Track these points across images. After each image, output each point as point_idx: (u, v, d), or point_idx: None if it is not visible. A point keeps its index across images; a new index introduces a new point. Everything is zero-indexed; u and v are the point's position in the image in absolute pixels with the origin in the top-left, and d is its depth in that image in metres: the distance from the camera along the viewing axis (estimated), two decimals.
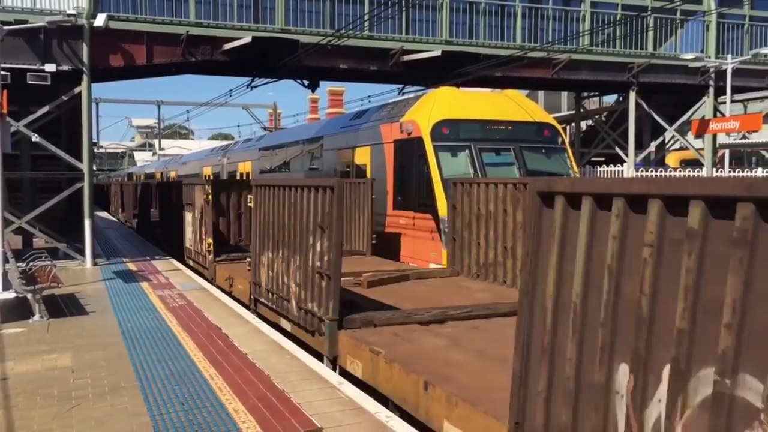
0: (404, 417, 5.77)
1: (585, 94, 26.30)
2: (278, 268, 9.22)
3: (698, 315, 3.01)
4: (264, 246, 9.83)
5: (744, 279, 2.81)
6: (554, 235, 3.92)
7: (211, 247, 13.94)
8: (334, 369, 7.38)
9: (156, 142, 72.06)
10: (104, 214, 42.13)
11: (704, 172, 22.47)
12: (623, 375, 3.41)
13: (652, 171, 22.35)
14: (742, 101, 28.29)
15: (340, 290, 7.50)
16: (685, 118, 23.03)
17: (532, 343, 4.07)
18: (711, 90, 22.25)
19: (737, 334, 2.80)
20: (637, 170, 21.94)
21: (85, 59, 15.27)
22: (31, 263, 11.37)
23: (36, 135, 15.29)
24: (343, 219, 7.51)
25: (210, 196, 14.10)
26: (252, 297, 10.57)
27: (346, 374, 6.99)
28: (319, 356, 7.62)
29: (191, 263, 15.90)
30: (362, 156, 16.34)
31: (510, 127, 14.27)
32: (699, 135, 23.43)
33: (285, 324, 9.12)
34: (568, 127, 28.91)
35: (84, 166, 15.77)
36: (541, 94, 41.06)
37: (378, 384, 6.47)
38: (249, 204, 11.60)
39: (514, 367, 4.22)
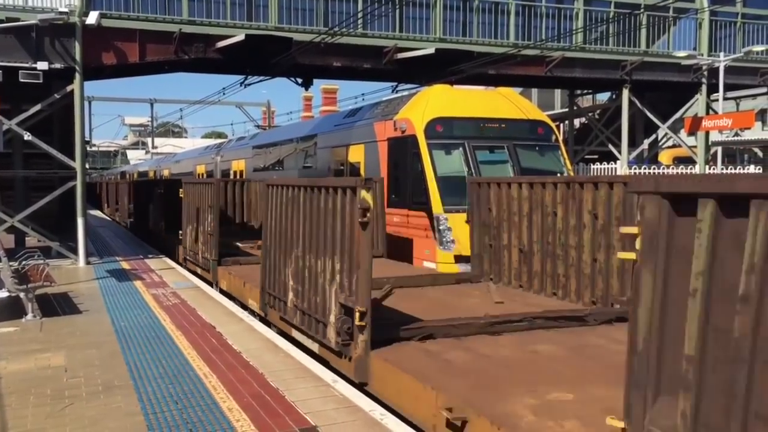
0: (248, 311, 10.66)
1: (578, 91, 26.36)
2: (194, 235, 14.36)
3: (291, 231, 7.92)
4: (188, 222, 15.01)
5: (302, 216, 7.65)
6: (270, 200, 8.88)
7: (163, 226, 19.20)
8: (216, 289, 12.39)
9: (149, 140, 71.86)
10: (97, 213, 42.00)
11: (697, 170, 22.55)
12: (287, 260, 8.05)
13: (644, 168, 22.40)
14: (734, 99, 28.40)
15: (219, 243, 12.72)
16: (677, 115, 23.11)
17: (269, 249, 8.80)
18: (704, 87, 22.32)
19: (303, 237, 7.54)
20: (630, 168, 22.00)
21: (77, 57, 15.21)
22: (23, 262, 11.33)
23: (28, 133, 15.22)
24: (220, 202, 12.97)
25: (162, 191, 19.46)
26: (183, 257, 15.71)
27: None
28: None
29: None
30: (356, 154, 16.32)
31: (504, 125, 14.26)
32: (692, 132, 23.52)
33: (199, 270, 14.06)
34: (561, 125, 28.96)
35: (77, 164, 15.71)
36: (534, 91, 41.10)
37: (231, 290, 11.63)
38: (180, 195, 15.97)
39: (261, 264, 9.23)
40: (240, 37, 16.20)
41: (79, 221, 15.79)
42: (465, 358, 5.94)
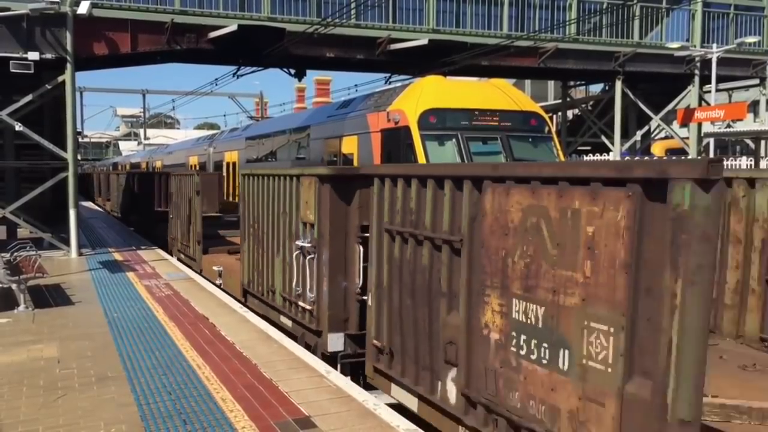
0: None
1: (571, 83, 26.37)
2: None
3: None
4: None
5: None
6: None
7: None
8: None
9: (141, 131, 71.54)
10: (89, 204, 41.83)
11: None
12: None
13: (637, 159, 22.45)
14: (727, 90, 28.45)
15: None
16: (670, 107, 23.14)
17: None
18: (696, 79, 22.36)
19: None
20: (622, 159, 22.04)
21: (68, 47, 15.10)
22: (15, 253, 11.27)
23: (19, 124, 15.12)
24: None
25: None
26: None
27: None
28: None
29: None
30: (349, 145, 16.30)
31: (497, 116, 14.25)
32: (684, 124, 23.57)
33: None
34: (554, 116, 28.97)
35: (68, 155, 15.63)
36: (527, 83, 41.09)
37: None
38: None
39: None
40: (232, 27, 16.11)
41: (71, 212, 15.72)
42: None
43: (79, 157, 18.81)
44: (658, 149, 29.52)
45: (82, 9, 14.55)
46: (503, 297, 4.31)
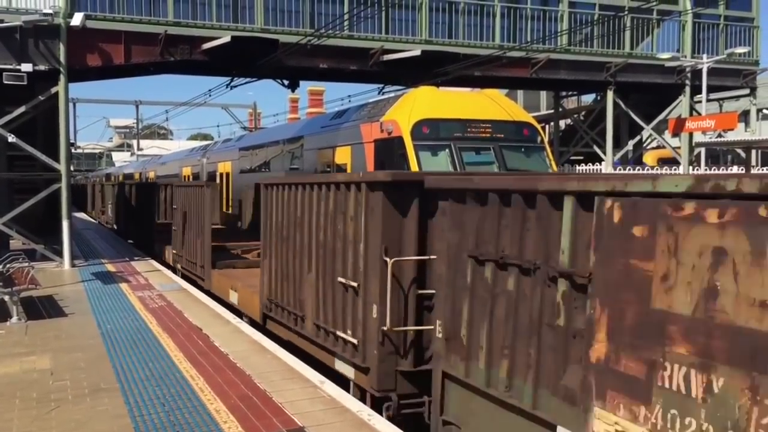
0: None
1: (563, 93, 26.50)
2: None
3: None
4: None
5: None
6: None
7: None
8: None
9: (134, 142, 71.42)
10: (82, 215, 41.70)
11: (681, 171, 22.73)
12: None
13: (629, 169, 22.56)
14: (717, 100, 28.63)
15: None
16: (661, 117, 23.28)
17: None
18: (687, 89, 22.51)
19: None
20: (615, 169, 22.14)
21: (62, 59, 15.12)
22: (8, 265, 11.24)
23: (12, 135, 15.11)
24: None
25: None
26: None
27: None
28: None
29: None
30: (343, 156, 16.33)
31: (490, 127, 14.31)
32: (675, 134, 23.70)
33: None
34: (547, 126, 29.08)
35: (61, 166, 15.61)
36: (520, 93, 41.21)
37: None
38: None
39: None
40: (226, 38, 16.16)
41: (64, 223, 15.69)
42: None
43: (72, 168, 18.79)
44: (650, 159, 29.64)
45: (76, 21, 14.58)
46: None
